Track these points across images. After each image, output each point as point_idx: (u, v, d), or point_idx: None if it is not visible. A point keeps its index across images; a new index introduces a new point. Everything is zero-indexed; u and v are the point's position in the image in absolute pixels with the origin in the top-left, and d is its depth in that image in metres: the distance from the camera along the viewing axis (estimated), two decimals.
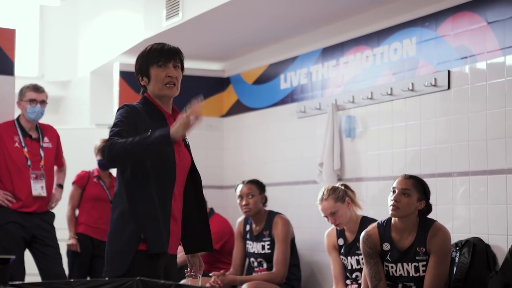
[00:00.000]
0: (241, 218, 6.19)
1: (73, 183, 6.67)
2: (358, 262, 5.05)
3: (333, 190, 5.11)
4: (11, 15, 9.24)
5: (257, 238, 6.01)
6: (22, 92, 5.82)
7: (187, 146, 3.64)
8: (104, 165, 6.53)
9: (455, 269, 4.67)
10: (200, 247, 3.74)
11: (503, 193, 4.74)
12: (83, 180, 6.67)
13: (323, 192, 5.13)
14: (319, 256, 6.23)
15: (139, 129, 3.39)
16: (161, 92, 3.53)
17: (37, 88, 5.83)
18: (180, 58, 3.62)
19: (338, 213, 5.07)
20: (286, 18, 6.29)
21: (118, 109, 3.52)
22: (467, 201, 5.00)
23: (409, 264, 4.39)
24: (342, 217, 5.08)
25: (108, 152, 3.30)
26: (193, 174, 3.63)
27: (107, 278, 3.05)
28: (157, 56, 3.55)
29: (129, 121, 3.41)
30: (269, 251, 5.93)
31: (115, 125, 3.41)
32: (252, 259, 6.07)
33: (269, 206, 6.16)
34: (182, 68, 3.63)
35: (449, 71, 5.19)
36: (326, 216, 5.12)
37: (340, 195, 5.09)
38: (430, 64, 5.36)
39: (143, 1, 7.25)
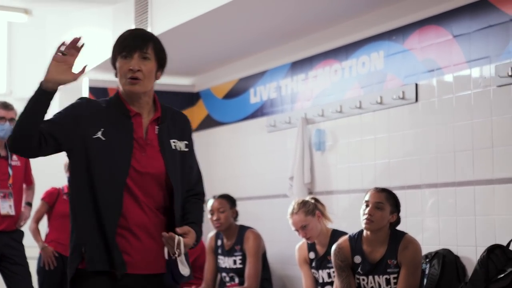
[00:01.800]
0: (212, 233, 6.18)
1: (42, 199, 6.62)
2: (329, 275, 5.06)
3: (303, 204, 5.12)
4: None
5: (229, 253, 6.00)
6: None
7: (169, 153, 3.03)
8: None
9: (425, 280, 4.69)
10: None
11: (471, 204, 4.78)
12: (52, 197, 6.62)
13: (293, 206, 5.14)
14: (290, 270, 6.23)
15: (79, 122, 2.95)
16: (125, 87, 2.99)
17: (6, 106, 5.79)
18: (154, 47, 3.03)
19: (308, 227, 5.07)
20: (255, 33, 6.31)
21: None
22: (436, 212, 5.03)
23: (380, 276, 4.40)
24: (313, 230, 5.09)
25: (9, 139, 2.89)
26: (172, 188, 3.02)
27: None
28: (121, 45, 3.01)
29: (64, 113, 2.99)
30: (240, 266, 5.92)
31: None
32: (223, 274, 6.05)
33: (240, 221, 6.16)
34: (158, 59, 3.05)
35: (416, 84, 5.23)
36: (297, 230, 5.12)
37: (310, 209, 5.10)
38: (398, 77, 5.40)
39: (111, 17, 7.24)
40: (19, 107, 5.95)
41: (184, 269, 2.91)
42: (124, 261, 2.89)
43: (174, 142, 3.06)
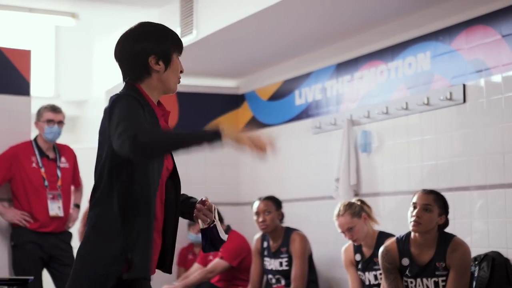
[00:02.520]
0: (258, 234, 6.18)
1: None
2: (375, 277, 5.03)
3: (349, 206, 5.10)
4: (27, 37, 9.31)
5: (275, 254, 6.00)
6: (39, 112, 5.86)
7: None
8: None
9: (474, 283, 4.64)
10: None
11: None
12: None
13: (340, 208, 5.12)
14: (337, 272, 6.21)
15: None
16: (174, 86, 2.88)
17: (54, 109, 5.86)
18: None
19: (355, 229, 5.05)
20: (300, 34, 6.30)
21: (116, 101, 2.73)
22: (485, 214, 4.97)
23: (429, 279, 4.37)
24: (359, 232, 5.07)
25: (141, 141, 2.54)
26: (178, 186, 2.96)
27: None
28: (178, 41, 2.90)
29: (141, 113, 2.71)
30: (287, 268, 5.92)
31: (126, 117, 2.64)
32: (270, 276, 6.05)
33: (286, 223, 6.15)
34: None
35: (464, 85, 5.18)
36: (343, 232, 5.11)
37: (357, 211, 5.08)
38: (445, 78, 5.35)
39: (157, 20, 7.29)
40: (67, 110, 6.06)
41: (223, 234, 2.96)
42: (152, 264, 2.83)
43: None
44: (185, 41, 6.56)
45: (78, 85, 9.53)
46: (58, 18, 7.72)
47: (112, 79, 8.68)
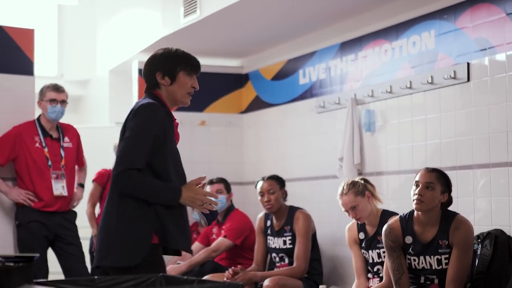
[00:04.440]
0: (261, 213, 6.20)
1: (93, 180, 6.74)
2: (379, 255, 5.05)
3: (352, 185, 5.11)
4: (30, 16, 9.29)
5: (278, 233, 6.02)
6: (42, 92, 5.85)
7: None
8: None
9: (477, 261, 4.65)
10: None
11: None
12: (103, 178, 6.73)
13: (343, 187, 5.13)
14: (340, 250, 6.23)
15: (165, 129, 3.46)
16: (182, 99, 3.57)
17: (57, 88, 5.86)
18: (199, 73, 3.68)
19: (358, 207, 5.06)
20: (304, 13, 6.28)
21: (140, 109, 3.45)
22: (488, 193, 4.98)
23: (432, 257, 4.38)
24: (363, 211, 5.08)
25: (125, 180, 3.38)
26: None
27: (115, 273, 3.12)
28: (189, 63, 3.57)
29: (148, 136, 3.41)
30: (290, 246, 5.94)
31: (134, 138, 3.41)
32: (273, 254, 6.07)
33: (290, 202, 6.16)
34: None
35: (468, 63, 5.17)
36: (346, 211, 5.12)
37: (360, 189, 5.09)
38: (449, 57, 5.34)
39: None
40: (71, 90, 6.05)
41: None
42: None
43: None
44: (189, 20, 6.55)
45: (82, 64, 9.53)
46: None
47: (115, 59, 8.69)
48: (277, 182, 6.04)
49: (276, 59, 7.43)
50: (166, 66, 3.54)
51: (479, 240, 4.73)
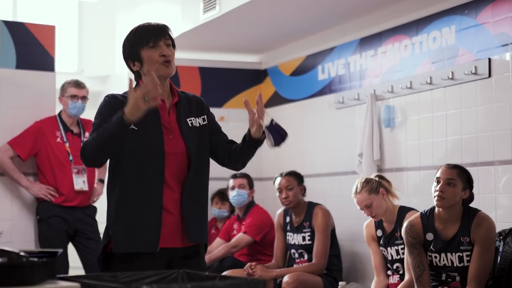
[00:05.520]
0: (280, 209, 6.20)
1: None
2: (397, 252, 5.03)
3: (366, 183, 5.10)
4: (51, 12, 9.33)
5: (298, 229, 6.02)
6: (63, 87, 5.89)
7: (187, 131, 3.36)
8: None
9: (499, 258, 4.63)
10: (193, 239, 3.37)
11: None
12: None
13: (357, 185, 5.13)
14: (360, 247, 6.22)
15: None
16: (157, 72, 3.21)
17: (78, 84, 5.89)
18: (170, 35, 3.38)
19: (373, 205, 5.05)
20: (323, 9, 6.27)
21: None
22: (510, 189, 4.95)
23: (453, 254, 4.36)
24: (378, 208, 5.06)
25: (82, 154, 3.22)
26: (191, 163, 3.35)
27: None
28: (145, 36, 3.32)
29: (105, 114, 3.23)
30: (309, 242, 5.93)
31: (93, 124, 3.29)
32: (293, 250, 6.07)
33: (309, 198, 6.16)
34: (174, 46, 3.39)
35: (489, 59, 5.14)
36: (361, 209, 5.11)
37: (374, 187, 5.07)
38: (470, 52, 5.31)
39: None
40: (90, 85, 6.08)
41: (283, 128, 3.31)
42: (162, 237, 3.27)
43: (190, 120, 3.39)
44: (208, 16, 6.55)
45: (101, 60, 9.55)
46: None
47: None
48: (295, 178, 6.04)
49: (295, 55, 7.42)
50: (130, 53, 3.36)
51: (501, 237, 4.70)
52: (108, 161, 3.35)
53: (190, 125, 3.37)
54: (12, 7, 9.08)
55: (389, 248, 5.10)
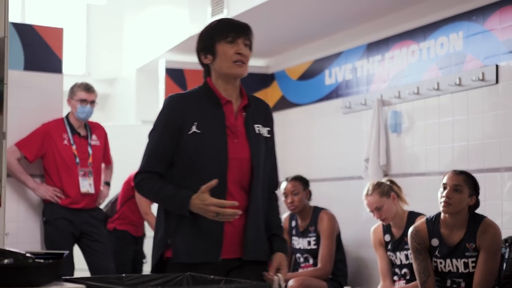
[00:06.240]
0: (286, 214, 6.20)
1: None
2: (407, 257, 5.04)
3: (378, 185, 5.11)
4: (59, 14, 9.37)
5: (303, 234, 6.02)
6: (73, 90, 5.89)
7: (254, 137, 3.15)
8: None
9: (504, 265, 4.62)
10: (252, 254, 3.15)
11: None
12: None
13: (368, 188, 5.13)
14: (365, 252, 6.22)
15: (184, 122, 3.05)
16: (229, 70, 3.10)
17: (88, 88, 5.88)
18: (251, 36, 3.20)
19: (383, 208, 5.06)
20: (330, 14, 6.28)
21: (163, 104, 3.17)
22: None
23: (458, 260, 4.36)
24: (388, 212, 5.07)
25: (136, 188, 3.16)
26: (253, 169, 3.13)
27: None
28: (226, 30, 3.13)
29: (163, 131, 3.09)
30: (315, 247, 5.93)
31: (149, 140, 3.15)
32: (298, 255, 6.07)
33: (315, 202, 6.16)
34: (251, 48, 3.20)
35: (497, 65, 5.14)
36: (371, 211, 5.11)
37: (385, 190, 5.08)
38: (478, 59, 5.31)
39: None
40: (98, 88, 6.09)
41: None
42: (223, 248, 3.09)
43: (258, 127, 3.19)
44: (216, 19, 6.56)
45: (109, 63, 9.59)
46: None
47: (142, 57, 8.73)
48: (300, 183, 6.04)
49: (302, 59, 7.42)
50: (205, 44, 3.15)
51: (506, 244, 4.69)
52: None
53: (257, 131, 3.18)
54: (20, 9, 9.12)
55: (398, 253, 5.10)
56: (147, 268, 6.73)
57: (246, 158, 3.11)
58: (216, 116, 3.10)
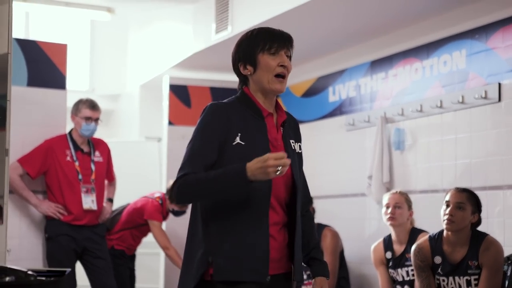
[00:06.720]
0: None
1: (158, 221, 6.43)
2: (408, 273, 5.03)
3: (407, 194, 5.22)
4: (63, 31, 9.40)
5: None
6: (78, 107, 5.86)
7: (291, 153, 3.02)
8: (178, 214, 6.51)
9: (506, 282, 4.61)
10: (300, 274, 3.02)
11: None
12: (161, 213, 6.49)
13: (396, 190, 5.28)
14: (368, 269, 6.20)
15: (229, 131, 2.87)
16: (268, 85, 2.94)
17: (93, 106, 5.87)
18: (291, 47, 3.05)
19: (400, 210, 5.12)
20: (334, 31, 6.29)
21: (203, 111, 2.93)
22: None
23: (461, 277, 4.35)
24: (401, 216, 5.12)
25: (177, 192, 2.84)
26: (294, 185, 3.00)
27: None
28: (269, 40, 2.99)
29: (208, 135, 2.87)
30: None
31: (190, 145, 2.90)
32: None
33: (318, 219, 6.15)
34: (291, 59, 3.04)
35: (499, 84, 5.14)
36: (387, 207, 5.13)
37: (410, 202, 5.21)
38: (480, 77, 5.32)
39: (192, 14, 7.32)
40: (102, 104, 6.10)
41: None
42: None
43: (292, 142, 3.06)
44: (220, 37, 6.59)
45: (113, 79, 9.61)
46: (94, 12, 7.79)
47: (146, 74, 8.75)
48: None
49: (306, 76, 7.44)
50: (245, 53, 2.97)
51: (509, 262, 4.68)
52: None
53: (293, 147, 3.05)
54: (24, 25, 9.15)
55: (399, 270, 5.09)
56: (139, 285, 6.72)
57: (287, 174, 2.92)
58: (260, 128, 2.95)
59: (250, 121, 2.93)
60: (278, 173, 2.71)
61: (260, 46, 2.96)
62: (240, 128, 2.89)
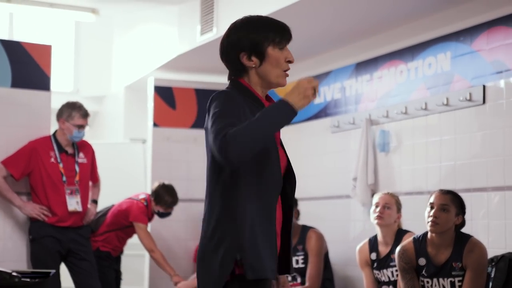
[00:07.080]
0: None
1: (143, 223, 6.39)
2: (392, 274, 5.05)
3: (398, 198, 5.25)
4: (47, 32, 9.36)
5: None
6: (71, 114, 5.78)
7: (282, 145, 2.89)
8: (163, 216, 6.50)
9: (490, 284, 4.63)
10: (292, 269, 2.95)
11: None
12: (146, 216, 6.47)
13: (388, 191, 5.28)
14: (352, 270, 6.21)
15: (243, 113, 2.70)
16: (276, 80, 2.81)
17: (86, 115, 5.85)
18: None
19: (390, 210, 5.14)
20: (319, 33, 6.30)
21: (214, 99, 2.72)
22: (503, 215, 4.96)
23: (445, 279, 4.36)
24: (389, 216, 5.13)
25: (228, 145, 2.51)
26: (289, 177, 2.87)
27: None
28: (278, 33, 2.83)
29: (234, 110, 2.66)
30: (303, 266, 5.93)
31: (219, 115, 2.62)
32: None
33: (303, 221, 6.16)
34: None
35: (484, 86, 5.16)
36: (377, 206, 5.14)
37: (400, 205, 5.22)
38: (465, 79, 5.34)
39: (177, 16, 7.31)
40: (86, 105, 6.07)
41: None
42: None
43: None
44: (205, 38, 6.58)
45: (97, 80, 9.58)
46: (78, 13, 7.76)
47: (131, 75, 8.73)
48: None
49: (291, 78, 7.39)
50: (252, 44, 2.77)
51: (492, 263, 4.70)
52: (211, 174, 2.75)
53: (281, 140, 2.90)
54: (8, 26, 9.11)
55: (384, 270, 5.10)
56: (123, 287, 6.69)
57: (284, 166, 2.85)
58: None
59: (255, 112, 2.72)
60: (317, 94, 2.64)
61: (270, 38, 2.80)
62: (247, 114, 2.70)
